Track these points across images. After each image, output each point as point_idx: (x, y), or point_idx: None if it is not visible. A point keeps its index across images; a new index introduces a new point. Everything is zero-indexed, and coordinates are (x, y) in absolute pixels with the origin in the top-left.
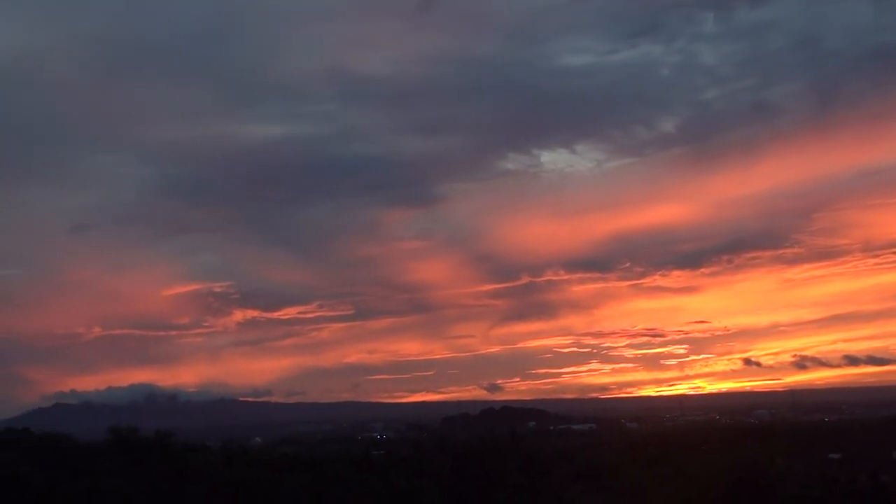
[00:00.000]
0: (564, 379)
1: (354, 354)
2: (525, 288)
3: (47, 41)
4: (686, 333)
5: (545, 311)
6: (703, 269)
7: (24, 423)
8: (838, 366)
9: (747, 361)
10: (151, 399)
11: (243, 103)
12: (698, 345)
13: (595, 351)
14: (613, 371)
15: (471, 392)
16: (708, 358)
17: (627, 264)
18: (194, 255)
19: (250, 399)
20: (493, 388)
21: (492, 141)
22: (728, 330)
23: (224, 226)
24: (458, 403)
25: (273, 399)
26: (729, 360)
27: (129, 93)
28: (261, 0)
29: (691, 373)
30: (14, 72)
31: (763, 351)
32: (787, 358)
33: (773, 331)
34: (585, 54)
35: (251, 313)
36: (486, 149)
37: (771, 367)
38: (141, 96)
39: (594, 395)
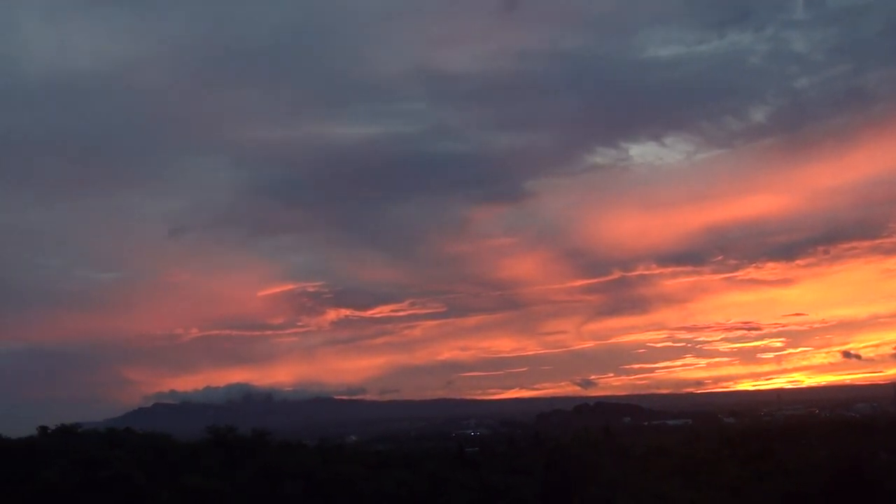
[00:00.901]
0: (659, 374)
1: (447, 352)
2: (617, 283)
3: (142, 50)
4: (783, 326)
5: (638, 305)
6: (798, 261)
7: (126, 422)
8: None
9: (846, 354)
10: (248, 398)
11: (333, 104)
12: (795, 338)
13: (689, 345)
14: (708, 365)
15: (564, 388)
16: (805, 351)
17: (720, 257)
18: (288, 256)
19: (345, 397)
20: (587, 383)
21: (580, 135)
22: (826, 322)
23: (316, 226)
24: (552, 399)
25: (367, 397)
26: (827, 352)
27: (221, 97)
28: (349, 1)
29: (789, 366)
30: (111, 80)
31: (863, 343)
32: (888, 350)
33: (872, 322)
34: (673, 45)
35: (344, 312)
36: (574, 143)
37: (871, 360)
38: (233, 100)
39: (689, 389)
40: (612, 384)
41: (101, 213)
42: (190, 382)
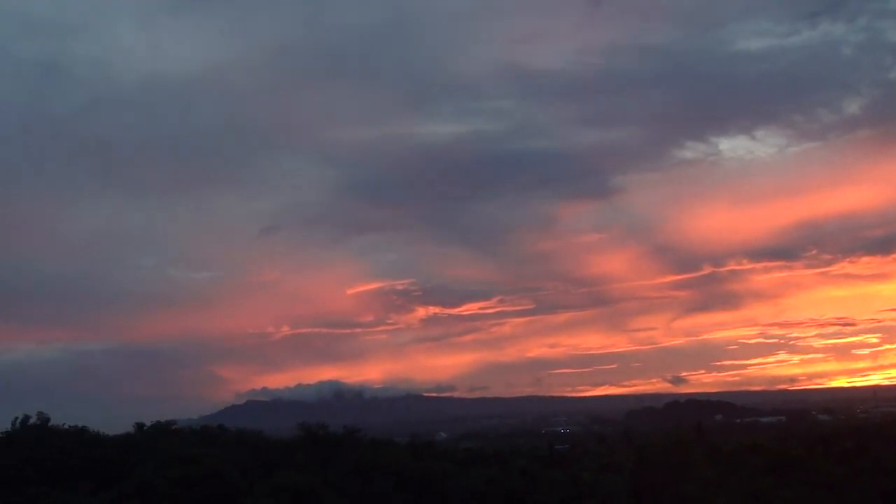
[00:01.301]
0: (751, 370)
1: (536, 349)
2: (707, 278)
3: (233, 53)
4: (879, 322)
5: (729, 301)
6: (895, 255)
7: (219, 419)
8: None
9: None
10: (339, 395)
11: (421, 103)
12: (892, 333)
13: (782, 341)
14: (802, 362)
15: (654, 385)
16: None
17: (814, 252)
18: (377, 254)
19: (434, 394)
20: (678, 380)
21: (668, 130)
22: None
23: (405, 224)
24: (642, 397)
25: (456, 394)
26: None
27: (311, 98)
28: (436, 0)
29: (885, 362)
30: (203, 83)
31: None
32: None
33: None
34: (763, 37)
35: (433, 310)
36: (662, 138)
37: None
38: (323, 101)
39: (782, 386)
40: (703, 381)
41: (194, 213)
42: (281, 380)
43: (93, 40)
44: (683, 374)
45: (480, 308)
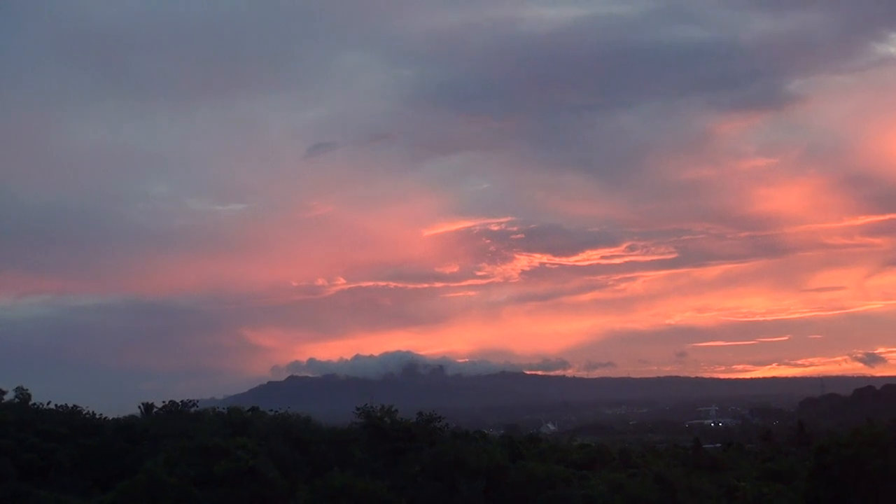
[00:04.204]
0: None
1: (678, 313)
2: None
3: None
4: None
5: None
6: None
7: (252, 400)
8: None
9: None
10: (411, 371)
11: None
12: None
13: None
14: None
15: (840, 365)
16: None
17: None
18: (463, 182)
19: (539, 372)
20: (872, 359)
21: (864, 17)
22: None
23: (502, 142)
24: (822, 380)
25: (570, 373)
26: None
27: None
28: None
29: None
30: None
31: None
32: None
33: None
34: None
35: (539, 258)
36: (856, 28)
37: None
38: None
39: None
40: None
41: (222, 127)
42: (335, 350)
43: None
44: (880, 350)
45: (603, 257)
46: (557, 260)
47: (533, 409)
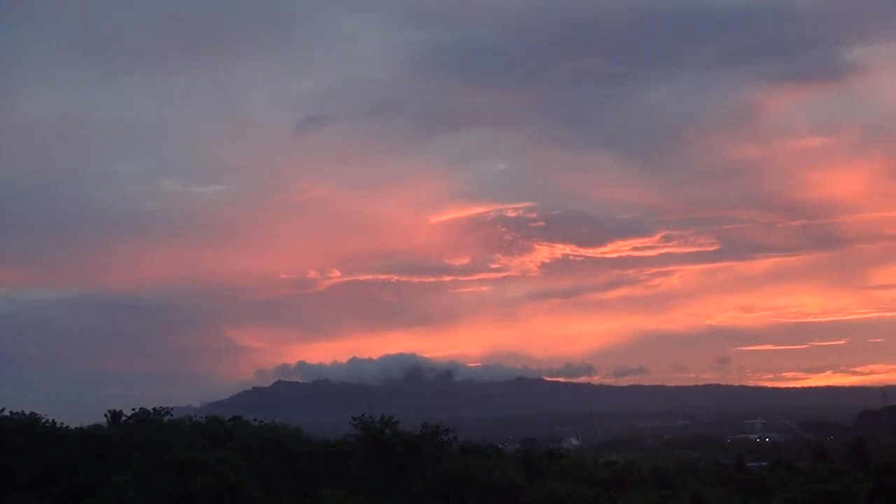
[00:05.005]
0: None
1: (720, 313)
2: None
3: None
4: None
5: None
6: None
7: (234, 409)
8: None
9: None
10: (415, 376)
11: None
12: None
13: None
14: None
15: None
16: None
17: None
18: (477, 162)
19: (561, 379)
20: None
21: None
22: None
23: (521, 116)
24: (884, 389)
25: (596, 380)
26: None
27: None
28: None
29: None
30: None
31: None
32: None
33: None
34: None
35: (562, 249)
36: None
37: None
38: None
39: None
40: None
41: (201, 96)
42: (328, 352)
43: None
44: None
45: (635, 248)
46: (582, 251)
47: (553, 420)
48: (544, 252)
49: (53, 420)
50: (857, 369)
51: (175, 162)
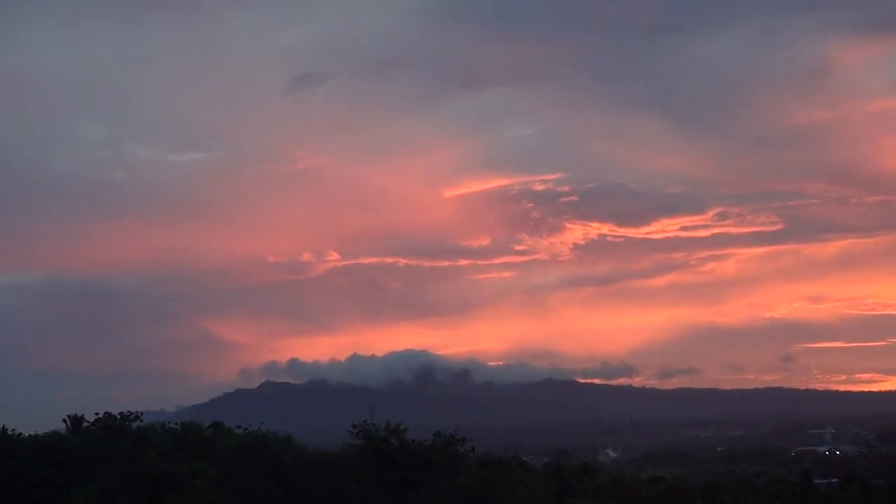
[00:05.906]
0: None
1: (783, 304)
2: None
3: None
4: None
5: None
6: None
7: (214, 413)
8: None
9: None
10: (426, 376)
11: None
12: None
13: None
14: None
15: None
16: None
17: None
18: (498, 127)
19: (597, 381)
20: None
21: None
22: None
23: (551, 73)
24: None
25: (638, 381)
26: None
27: None
28: None
29: None
30: None
31: None
32: None
33: None
34: None
35: (598, 228)
36: None
37: None
38: None
39: None
40: None
41: (178, 51)
42: (324, 348)
43: None
44: None
45: (684, 228)
46: (622, 231)
47: (588, 429)
48: (577, 232)
49: (3, 426)
50: None
51: (147, 125)
